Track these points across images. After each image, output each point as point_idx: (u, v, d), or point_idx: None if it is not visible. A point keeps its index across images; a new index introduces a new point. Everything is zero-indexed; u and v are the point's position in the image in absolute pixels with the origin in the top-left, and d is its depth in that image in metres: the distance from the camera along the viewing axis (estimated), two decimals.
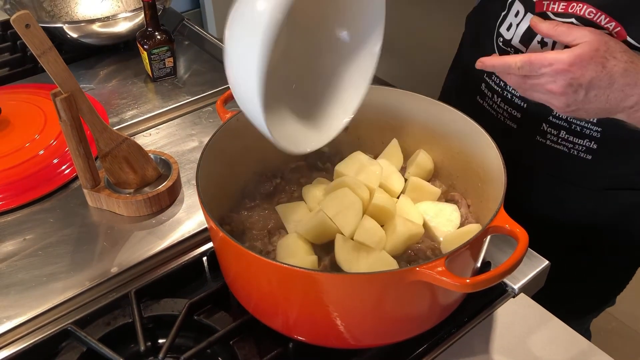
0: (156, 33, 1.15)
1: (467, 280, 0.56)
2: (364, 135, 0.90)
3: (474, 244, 0.61)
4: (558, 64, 0.69)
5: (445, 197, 0.83)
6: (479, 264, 0.70)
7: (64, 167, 0.99)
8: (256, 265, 0.63)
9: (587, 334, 1.36)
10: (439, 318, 0.70)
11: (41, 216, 0.91)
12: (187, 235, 0.88)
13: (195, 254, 0.86)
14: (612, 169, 0.89)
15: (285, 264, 0.59)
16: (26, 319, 0.76)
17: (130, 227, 0.89)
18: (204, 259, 0.83)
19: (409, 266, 0.72)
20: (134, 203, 0.89)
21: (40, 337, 0.73)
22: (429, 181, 0.85)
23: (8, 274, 0.82)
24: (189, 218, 0.91)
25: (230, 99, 0.84)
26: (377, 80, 0.75)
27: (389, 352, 0.73)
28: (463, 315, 0.77)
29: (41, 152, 0.99)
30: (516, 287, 0.80)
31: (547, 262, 0.83)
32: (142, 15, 1.20)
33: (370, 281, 0.60)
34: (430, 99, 0.82)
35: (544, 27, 0.75)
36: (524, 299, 0.80)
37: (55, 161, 0.99)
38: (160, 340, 0.76)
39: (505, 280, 0.81)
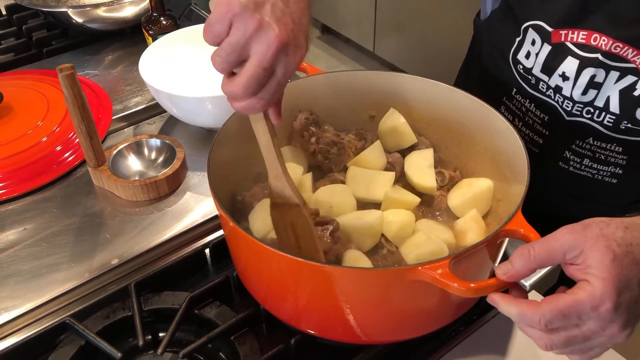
0: (162, 18, 1.12)
1: (472, 285, 0.53)
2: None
3: (486, 246, 0.58)
4: (602, 305, 0.50)
5: None
6: (496, 264, 0.67)
7: (67, 155, 0.98)
8: (265, 256, 0.62)
9: None
10: (450, 318, 0.68)
11: (43, 205, 0.90)
12: (190, 226, 0.86)
13: (197, 245, 0.84)
14: (638, 189, 0.85)
15: (293, 255, 0.57)
16: (24, 311, 0.75)
17: (133, 217, 0.87)
18: (207, 250, 0.82)
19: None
20: (130, 187, 0.88)
21: (37, 329, 0.72)
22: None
23: (7, 264, 0.80)
24: (193, 208, 0.89)
25: None
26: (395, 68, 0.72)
27: (395, 350, 0.71)
28: (471, 313, 0.74)
29: (44, 139, 0.98)
30: (527, 284, 0.77)
31: None
32: (148, 0, 1.17)
33: (371, 276, 0.58)
34: (460, 90, 0.79)
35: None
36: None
37: (58, 148, 0.97)
38: (160, 334, 0.74)
39: None
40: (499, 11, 0.88)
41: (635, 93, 0.73)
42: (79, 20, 1.21)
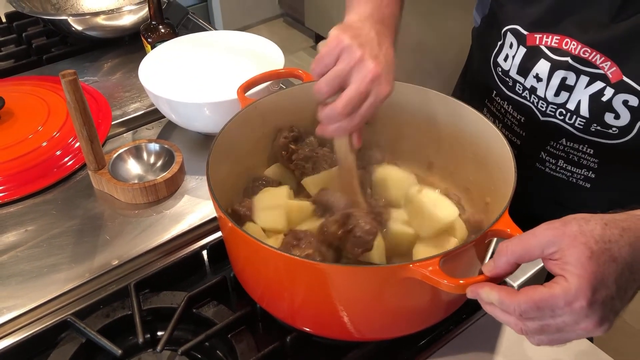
0: (160, 26, 1.15)
1: (461, 281, 0.55)
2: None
3: (474, 246, 0.61)
4: (576, 302, 0.51)
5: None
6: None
7: (66, 159, 0.99)
8: (263, 255, 0.63)
9: None
10: (442, 315, 0.70)
11: (43, 207, 0.92)
12: (187, 228, 0.88)
13: (195, 247, 0.86)
14: (611, 195, 0.89)
15: (290, 254, 0.60)
16: (26, 310, 0.76)
17: (132, 220, 0.89)
18: (204, 252, 0.84)
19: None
20: (130, 190, 0.90)
21: (39, 327, 0.74)
22: None
23: (9, 265, 0.82)
24: (191, 211, 0.91)
25: (251, 87, 0.84)
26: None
27: (387, 347, 0.73)
28: (462, 312, 0.76)
29: (44, 143, 1.00)
30: (516, 284, 0.79)
31: None
32: (147, 9, 1.20)
33: (363, 274, 0.60)
34: (450, 97, 0.81)
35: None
36: None
37: (58, 153, 0.99)
38: (159, 333, 0.76)
39: None
40: (486, 18, 0.94)
41: (604, 99, 0.77)
42: (79, 27, 1.23)
